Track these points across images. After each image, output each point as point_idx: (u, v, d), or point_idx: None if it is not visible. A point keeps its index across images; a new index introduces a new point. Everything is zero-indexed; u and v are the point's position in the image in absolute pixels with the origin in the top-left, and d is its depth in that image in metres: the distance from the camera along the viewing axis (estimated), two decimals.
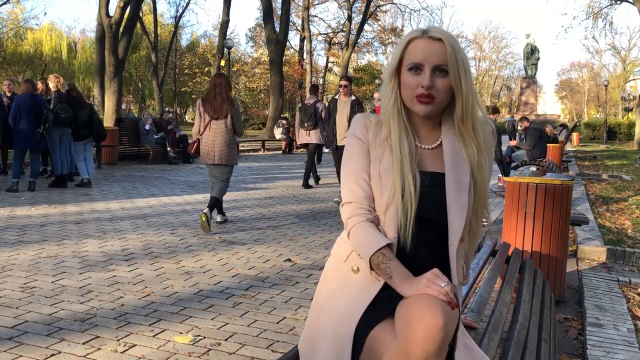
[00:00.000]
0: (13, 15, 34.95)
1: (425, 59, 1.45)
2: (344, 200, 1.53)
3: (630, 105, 39.00)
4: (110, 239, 5.23)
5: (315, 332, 1.50)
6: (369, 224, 1.46)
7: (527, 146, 10.58)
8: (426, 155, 1.52)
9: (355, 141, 1.54)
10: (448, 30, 1.65)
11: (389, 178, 1.45)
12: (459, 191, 1.47)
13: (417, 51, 1.46)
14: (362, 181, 1.50)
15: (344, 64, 32.54)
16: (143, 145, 13.38)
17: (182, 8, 37.91)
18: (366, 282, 1.45)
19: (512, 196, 3.82)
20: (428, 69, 1.44)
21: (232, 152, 5.87)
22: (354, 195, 1.50)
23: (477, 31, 75.59)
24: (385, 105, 1.53)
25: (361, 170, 1.51)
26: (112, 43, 15.50)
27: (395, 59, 1.51)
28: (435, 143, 1.53)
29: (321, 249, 5.08)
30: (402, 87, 1.49)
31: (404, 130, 1.49)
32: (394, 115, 1.51)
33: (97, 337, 2.91)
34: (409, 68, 1.47)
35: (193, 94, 43.70)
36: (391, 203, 1.44)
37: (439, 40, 1.45)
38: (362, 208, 1.49)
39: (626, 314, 3.44)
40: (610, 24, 41.86)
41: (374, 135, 1.52)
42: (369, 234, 1.44)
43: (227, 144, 5.78)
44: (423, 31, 1.49)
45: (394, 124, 1.50)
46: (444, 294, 1.26)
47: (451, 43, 1.45)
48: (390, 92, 1.52)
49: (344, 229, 1.54)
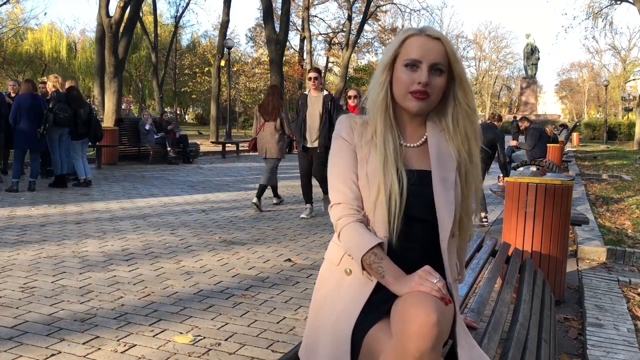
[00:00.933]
0: (13, 15, 34.97)
1: (423, 56, 1.45)
2: (332, 202, 1.53)
3: (630, 105, 39.00)
4: (110, 239, 5.23)
5: (314, 337, 1.51)
6: (359, 224, 1.47)
7: (527, 146, 10.59)
8: (411, 153, 1.52)
9: (342, 142, 1.54)
10: (447, 31, 1.67)
11: (376, 177, 1.46)
12: (446, 188, 1.47)
13: (414, 48, 1.46)
14: (350, 182, 1.50)
15: (344, 64, 32.53)
16: (143, 145, 13.38)
17: (182, 8, 37.91)
18: (360, 283, 1.46)
19: (512, 196, 3.82)
20: (425, 66, 1.45)
21: (278, 148, 7.10)
22: (343, 196, 1.50)
23: (477, 31, 75.72)
24: (373, 99, 1.53)
25: (349, 171, 1.51)
26: (112, 43, 15.50)
27: (390, 54, 1.50)
28: (419, 141, 1.54)
29: (321, 249, 5.08)
30: (395, 82, 1.49)
31: (389, 127, 1.50)
32: (381, 109, 1.51)
33: (97, 337, 2.91)
34: (404, 64, 1.47)
35: (193, 94, 43.68)
36: (379, 202, 1.45)
37: (437, 39, 1.47)
38: (351, 209, 1.49)
39: (626, 314, 3.44)
40: (610, 24, 41.86)
41: (360, 136, 1.52)
42: (359, 234, 1.45)
43: (275, 141, 7.07)
44: (420, 29, 1.49)
45: (380, 118, 1.50)
46: (436, 290, 1.26)
47: (449, 44, 1.47)
48: (381, 87, 1.51)
49: (335, 231, 1.54)
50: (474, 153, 1.53)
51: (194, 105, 51.91)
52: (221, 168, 12.95)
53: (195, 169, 12.36)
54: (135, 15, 17.16)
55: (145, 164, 13.07)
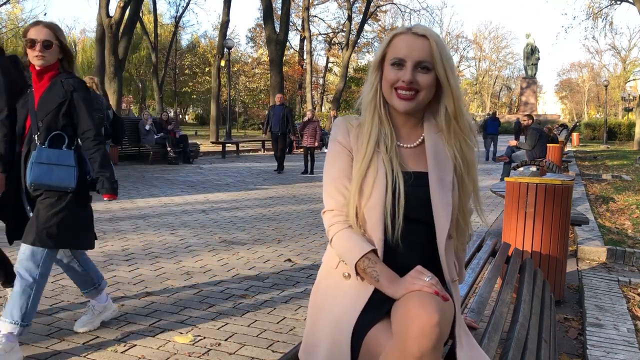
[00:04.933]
0: (12, 15, 34.97)
1: (407, 55, 1.45)
2: (325, 208, 1.54)
3: (630, 105, 39.00)
4: (110, 239, 5.23)
5: (313, 340, 1.50)
6: (351, 230, 1.47)
7: (527, 146, 10.57)
8: (408, 154, 1.52)
9: (337, 147, 1.54)
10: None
11: (371, 178, 1.45)
12: (443, 189, 1.47)
13: (400, 46, 1.46)
14: (342, 188, 1.50)
15: (344, 64, 32.54)
16: (143, 145, 13.38)
17: (182, 8, 37.94)
18: (358, 286, 1.46)
19: (512, 196, 3.82)
20: (410, 64, 1.44)
21: None
22: (335, 202, 1.50)
23: (477, 31, 75.72)
24: (364, 99, 1.54)
25: (342, 177, 1.51)
26: (112, 43, 15.51)
27: (379, 54, 1.51)
28: (416, 142, 1.53)
29: (321, 249, 5.08)
30: (383, 81, 1.49)
31: (379, 126, 1.49)
32: (370, 109, 1.51)
33: (97, 337, 2.91)
34: (391, 63, 1.47)
35: (193, 94, 43.69)
36: (374, 204, 1.44)
37: (422, 36, 1.45)
38: (343, 215, 1.49)
39: (626, 314, 3.44)
40: (610, 24, 41.92)
41: (356, 138, 1.52)
42: (352, 241, 1.45)
43: None
44: (408, 28, 1.49)
45: (369, 118, 1.50)
46: (428, 286, 1.26)
47: (435, 40, 1.45)
48: (371, 87, 1.52)
49: (327, 237, 1.54)
50: (467, 154, 1.52)
51: (194, 105, 51.92)
52: (221, 168, 12.95)
53: (195, 169, 12.36)
54: (135, 15, 17.18)
55: (145, 164, 13.07)
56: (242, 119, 39.42)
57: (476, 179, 1.54)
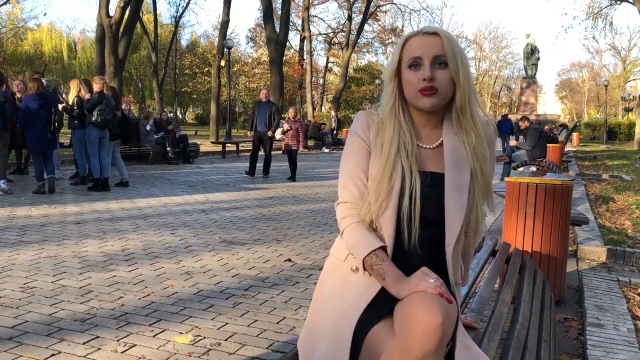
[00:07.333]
0: (12, 15, 34.97)
1: (423, 52, 1.45)
2: (339, 199, 1.54)
3: (630, 105, 39.00)
4: (110, 239, 5.23)
5: (314, 331, 1.50)
6: (362, 224, 1.47)
7: (527, 146, 10.58)
8: (428, 155, 1.52)
9: (356, 140, 1.54)
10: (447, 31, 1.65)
11: (386, 177, 1.45)
12: (459, 191, 1.47)
13: (414, 47, 1.47)
14: (358, 181, 1.51)
15: (344, 64, 32.53)
16: (143, 145, 13.38)
17: (182, 8, 37.95)
18: (365, 281, 1.46)
19: (512, 196, 3.82)
20: (427, 62, 1.45)
21: None
22: (350, 195, 1.51)
23: (477, 31, 75.75)
24: (383, 106, 1.54)
25: (358, 170, 1.51)
26: (112, 43, 15.51)
27: (395, 60, 1.51)
28: (436, 142, 1.53)
29: (321, 249, 5.08)
30: (405, 85, 1.49)
31: (397, 131, 1.49)
32: (391, 116, 1.51)
33: (97, 337, 2.91)
34: (408, 65, 1.47)
35: (193, 94, 43.68)
36: (388, 202, 1.45)
37: (434, 34, 1.47)
38: (356, 209, 1.49)
39: (626, 314, 3.44)
40: (610, 24, 41.92)
41: (376, 134, 1.52)
42: (363, 235, 1.45)
43: None
44: (418, 30, 1.51)
45: (389, 124, 1.50)
46: (432, 287, 1.26)
47: (447, 36, 1.46)
48: (390, 94, 1.52)
49: (338, 229, 1.54)
50: (477, 147, 1.50)
51: (194, 105, 51.92)
52: (221, 168, 12.96)
53: (195, 169, 12.36)
54: (135, 15, 17.18)
55: (145, 164, 13.07)
56: (242, 119, 39.41)
57: (488, 172, 1.52)
